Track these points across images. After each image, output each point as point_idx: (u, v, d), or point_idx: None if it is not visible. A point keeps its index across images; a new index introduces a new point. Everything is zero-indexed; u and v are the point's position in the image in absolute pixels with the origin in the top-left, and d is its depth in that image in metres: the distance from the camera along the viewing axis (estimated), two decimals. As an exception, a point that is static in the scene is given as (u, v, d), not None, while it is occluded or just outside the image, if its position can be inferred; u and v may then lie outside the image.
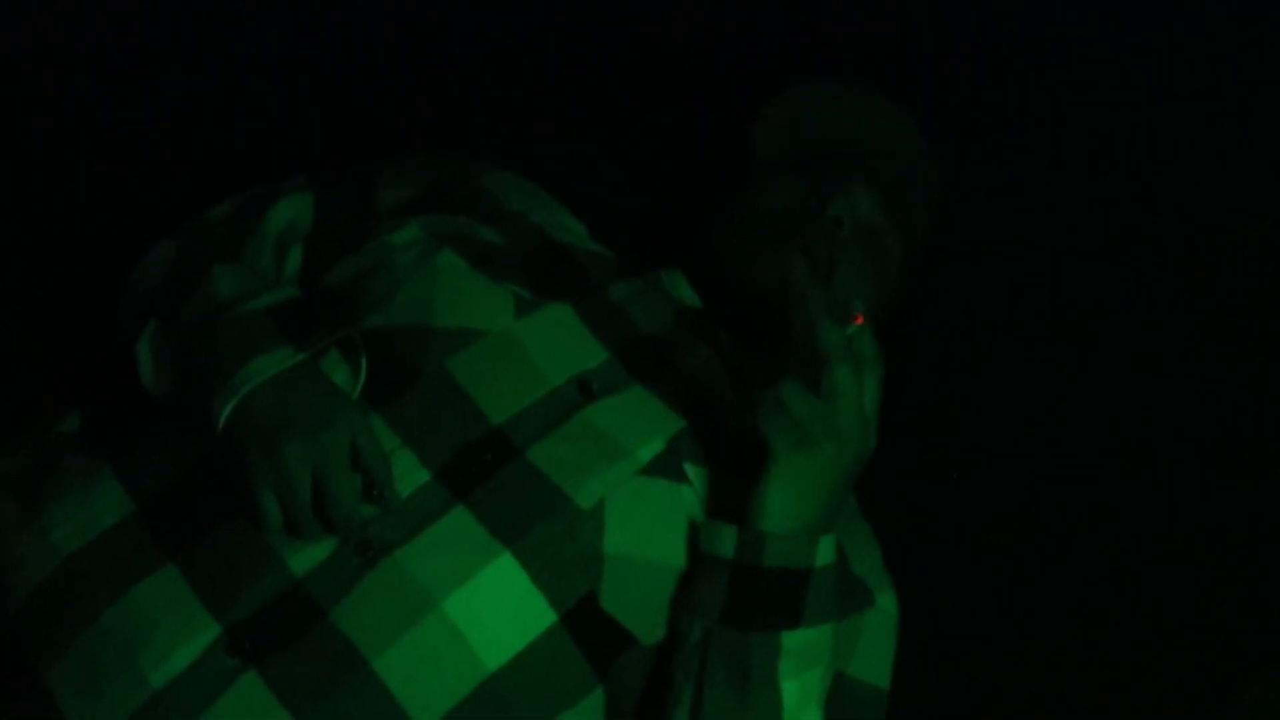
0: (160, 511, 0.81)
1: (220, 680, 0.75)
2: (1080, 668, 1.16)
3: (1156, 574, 1.19)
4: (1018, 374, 1.26)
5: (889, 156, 1.09)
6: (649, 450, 0.85)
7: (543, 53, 1.30)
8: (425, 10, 1.29)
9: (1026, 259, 1.29)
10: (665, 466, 0.85)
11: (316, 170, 1.03)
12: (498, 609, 0.79)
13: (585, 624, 0.81)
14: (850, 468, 0.82)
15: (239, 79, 1.27)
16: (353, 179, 1.01)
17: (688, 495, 0.85)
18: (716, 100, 1.30)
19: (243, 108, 1.25)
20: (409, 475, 0.81)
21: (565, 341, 0.89)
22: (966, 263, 1.26)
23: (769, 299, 0.97)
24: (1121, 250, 1.29)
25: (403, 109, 1.28)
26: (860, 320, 0.81)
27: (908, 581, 0.97)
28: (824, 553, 0.82)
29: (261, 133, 1.23)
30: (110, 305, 0.98)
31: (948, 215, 1.14)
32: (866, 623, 0.92)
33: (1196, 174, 1.30)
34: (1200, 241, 1.28)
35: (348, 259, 0.94)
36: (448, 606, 0.78)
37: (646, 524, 0.84)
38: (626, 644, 0.83)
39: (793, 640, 0.81)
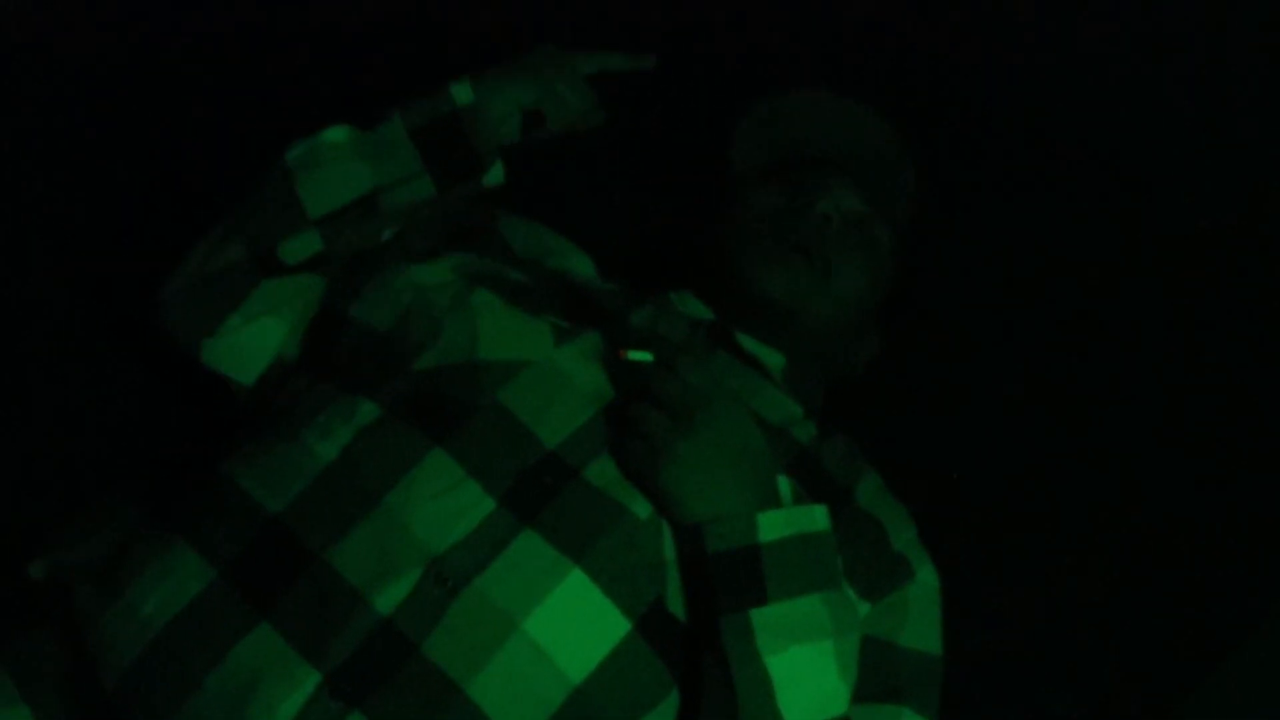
0: (242, 573, 0.83)
1: None
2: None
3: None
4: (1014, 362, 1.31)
5: (864, 151, 1.15)
6: None
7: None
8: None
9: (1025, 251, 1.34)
10: None
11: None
12: (575, 623, 0.82)
13: (658, 628, 0.85)
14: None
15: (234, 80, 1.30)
16: None
17: None
18: (690, 123, 1.32)
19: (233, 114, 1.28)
20: (475, 506, 0.84)
21: (601, 366, 0.93)
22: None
23: (776, 299, 1.04)
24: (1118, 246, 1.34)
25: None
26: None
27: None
28: (769, 529, 0.85)
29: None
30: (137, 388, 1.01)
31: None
32: (910, 596, 0.96)
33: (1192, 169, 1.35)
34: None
35: (380, 294, 0.98)
36: (529, 626, 0.81)
37: None
38: (694, 643, 0.86)
39: (764, 617, 0.83)
